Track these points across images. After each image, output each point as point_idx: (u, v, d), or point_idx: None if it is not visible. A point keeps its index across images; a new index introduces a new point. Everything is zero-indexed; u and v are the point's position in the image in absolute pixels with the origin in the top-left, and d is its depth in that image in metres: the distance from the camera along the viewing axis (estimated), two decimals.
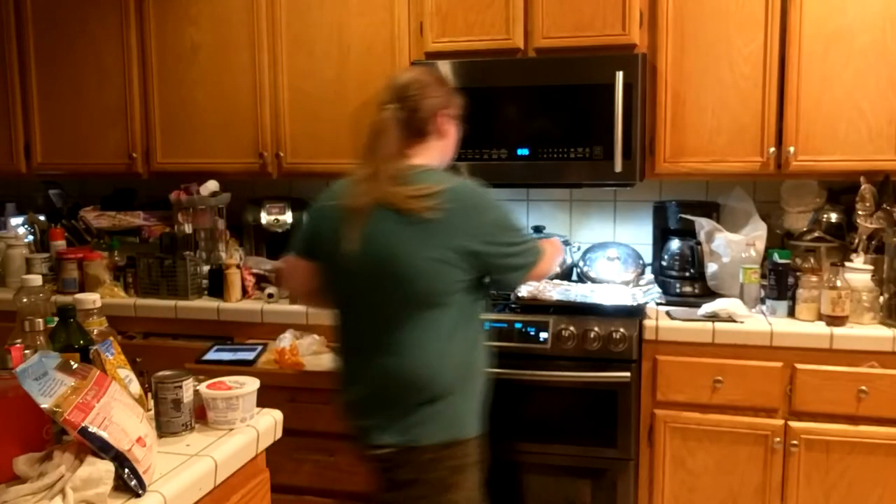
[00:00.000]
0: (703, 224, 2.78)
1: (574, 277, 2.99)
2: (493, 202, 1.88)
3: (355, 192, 1.86)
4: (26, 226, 3.40)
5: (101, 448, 1.24)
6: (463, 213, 1.81)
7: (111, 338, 1.61)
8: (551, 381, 2.56)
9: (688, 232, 2.83)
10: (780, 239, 2.90)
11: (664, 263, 2.90)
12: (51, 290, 2.99)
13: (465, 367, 1.89)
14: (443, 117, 1.94)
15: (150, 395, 1.61)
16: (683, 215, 2.82)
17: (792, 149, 2.62)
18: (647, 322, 2.55)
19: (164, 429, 1.53)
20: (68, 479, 1.22)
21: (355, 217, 1.83)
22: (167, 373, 1.56)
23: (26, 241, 3.32)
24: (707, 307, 2.56)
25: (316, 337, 2.67)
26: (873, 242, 2.59)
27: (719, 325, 2.50)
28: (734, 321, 2.51)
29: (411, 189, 1.80)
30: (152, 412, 1.58)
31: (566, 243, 3.00)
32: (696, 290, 2.81)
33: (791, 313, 2.57)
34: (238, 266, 2.95)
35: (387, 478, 1.92)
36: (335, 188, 1.97)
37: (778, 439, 2.46)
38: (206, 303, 2.94)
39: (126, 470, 1.25)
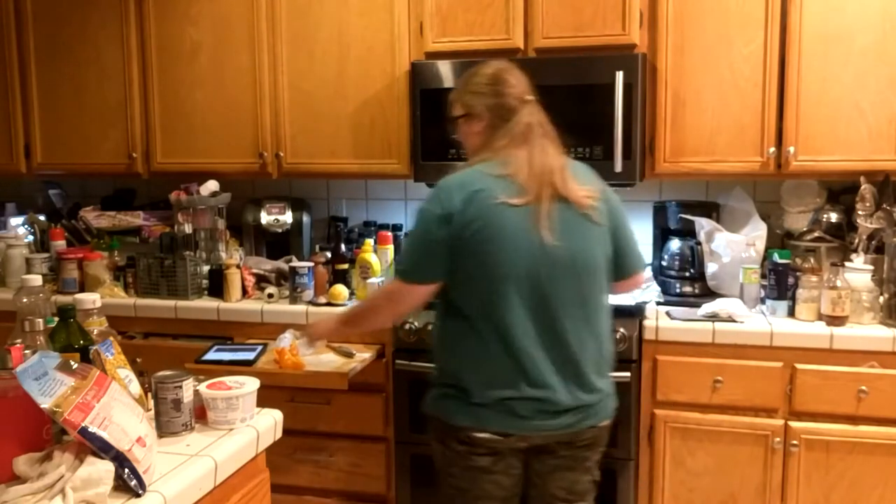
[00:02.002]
0: (703, 224, 2.78)
1: None
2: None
3: (533, 186, 1.87)
4: (26, 226, 3.40)
5: (101, 448, 1.24)
6: (616, 211, 2.00)
7: (111, 338, 1.61)
8: None
9: (688, 232, 2.83)
10: (780, 239, 2.90)
11: (664, 263, 2.90)
12: (51, 290, 2.99)
13: None
14: None
15: (150, 395, 1.61)
16: (683, 215, 2.82)
17: (792, 149, 2.62)
18: (647, 322, 2.55)
19: (164, 429, 1.53)
20: (68, 479, 1.22)
21: (540, 211, 1.86)
22: (167, 373, 1.56)
23: (26, 241, 3.32)
24: (707, 307, 2.56)
25: None
26: (873, 242, 2.59)
27: (719, 325, 2.50)
28: (734, 321, 2.51)
29: (583, 188, 1.93)
30: (152, 412, 1.57)
31: None
32: (696, 290, 2.81)
33: (791, 313, 2.57)
34: (238, 266, 2.95)
35: (590, 444, 1.99)
36: (475, 188, 1.87)
37: (778, 439, 2.46)
38: (206, 303, 2.94)
39: (126, 470, 1.25)
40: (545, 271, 1.87)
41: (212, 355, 2.56)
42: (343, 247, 3.00)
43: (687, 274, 2.83)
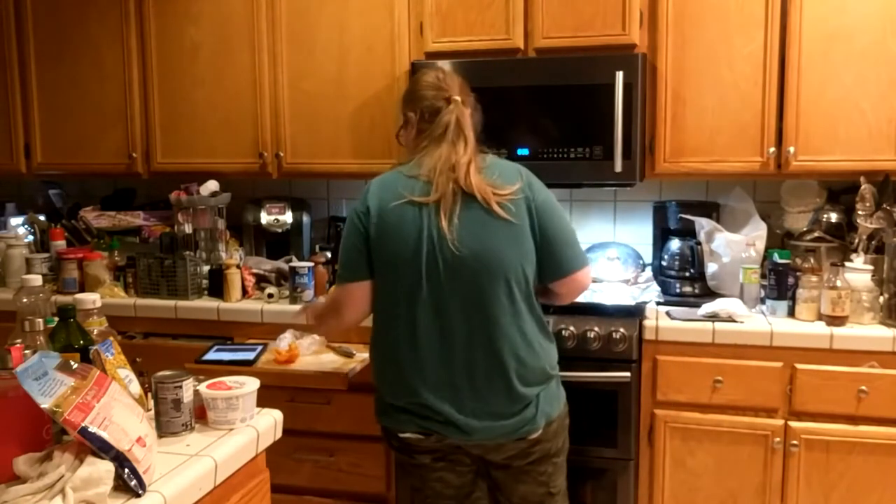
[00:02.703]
0: (703, 224, 2.78)
1: None
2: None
3: (439, 183, 1.87)
4: (26, 226, 3.40)
5: (101, 448, 1.24)
6: (542, 209, 1.93)
7: (111, 338, 1.61)
8: None
9: (688, 232, 2.83)
10: (780, 239, 2.90)
11: (664, 263, 2.90)
12: (51, 290, 2.99)
13: None
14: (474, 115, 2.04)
15: (150, 395, 1.61)
16: (683, 215, 2.82)
17: (792, 149, 2.62)
18: (647, 322, 2.55)
19: (164, 429, 1.53)
20: (68, 479, 1.22)
21: (441, 208, 1.85)
22: (167, 373, 1.56)
23: (26, 241, 3.32)
24: (707, 307, 2.56)
25: (316, 337, 2.66)
26: (873, 242, 2.59)
27: (719, 325, 2.50)
28: (734, 321, 2.51)
29: (490, 184, 1.89)
30: (152, 412, 1.57)
31: None
32: (696, 290, 2.81)
33: (791, 313, 2.57)
34: (238, 266, 2.95)
35: (534, 459, 1.96)
36: (387, 188, 1.94)
37: (778, 439, 2.46)
38: (206, 303, 2.94)
39: (126, 470, 1.25)
40: (445, 271, 1.86)
41: (212, 355, 2.56)
42: None
43: (687, 274, 2.83)
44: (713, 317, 2.54)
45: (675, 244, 2.87)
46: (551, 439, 1.97)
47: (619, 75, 2.60)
